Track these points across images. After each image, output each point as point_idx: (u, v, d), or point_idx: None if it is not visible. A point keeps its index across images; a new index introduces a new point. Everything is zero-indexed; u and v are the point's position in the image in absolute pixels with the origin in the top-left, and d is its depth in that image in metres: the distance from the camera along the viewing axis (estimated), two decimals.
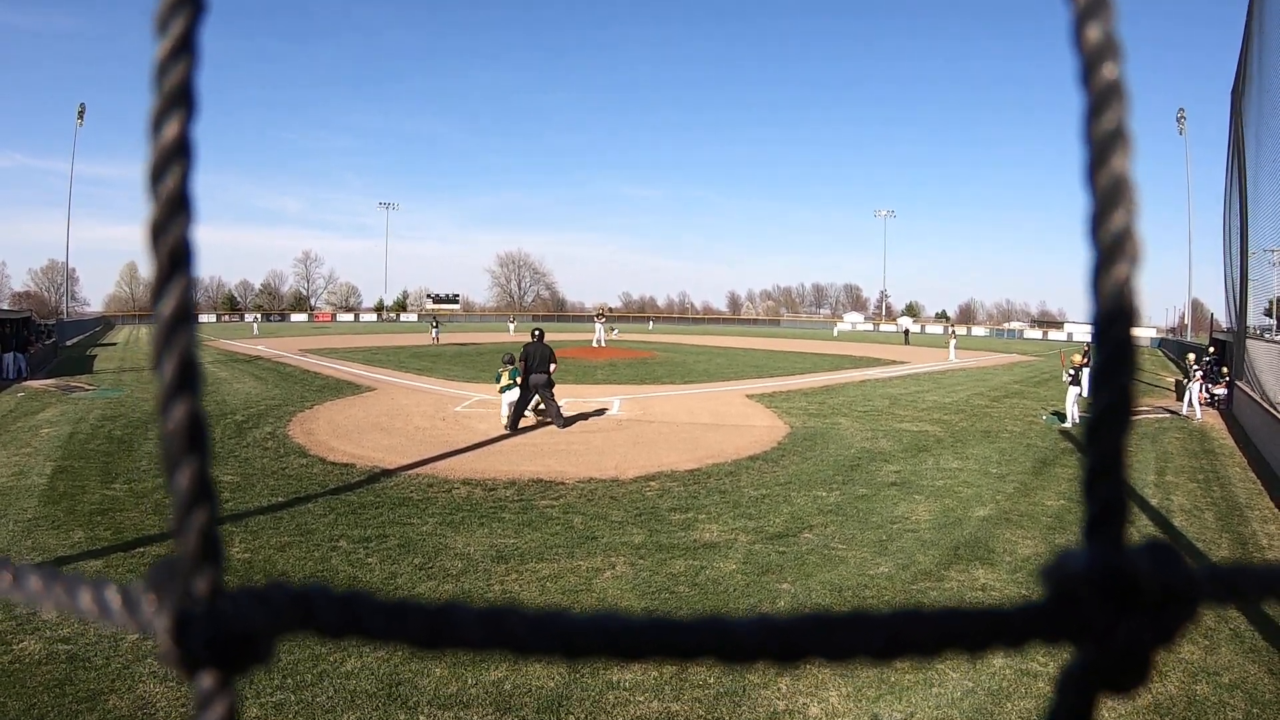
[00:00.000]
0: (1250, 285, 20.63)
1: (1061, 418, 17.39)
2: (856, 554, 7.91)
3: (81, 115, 68.58)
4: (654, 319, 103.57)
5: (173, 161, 0.37)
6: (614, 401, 18.68)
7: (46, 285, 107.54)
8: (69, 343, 44.15)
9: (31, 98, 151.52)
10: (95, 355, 33.72)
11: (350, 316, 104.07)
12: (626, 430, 14.79)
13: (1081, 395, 17.10)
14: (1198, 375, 19.39)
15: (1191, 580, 0.35)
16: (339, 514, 8.95)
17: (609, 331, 49.49)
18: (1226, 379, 20.93)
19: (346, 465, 11.43)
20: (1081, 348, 19.36)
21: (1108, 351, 0.34)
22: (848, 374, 28.59)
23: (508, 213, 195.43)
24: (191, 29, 0.37)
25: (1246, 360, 19.63)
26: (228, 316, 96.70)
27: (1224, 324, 26.45)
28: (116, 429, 14.28)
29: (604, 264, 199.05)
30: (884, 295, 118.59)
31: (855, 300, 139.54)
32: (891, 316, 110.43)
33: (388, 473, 11.00)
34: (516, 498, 9.80)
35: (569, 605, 4.10)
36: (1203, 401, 19.05)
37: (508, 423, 14.39)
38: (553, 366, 14.74)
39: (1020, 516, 9.37)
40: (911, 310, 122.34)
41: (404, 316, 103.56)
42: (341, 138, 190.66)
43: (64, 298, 79.60)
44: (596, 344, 42.19)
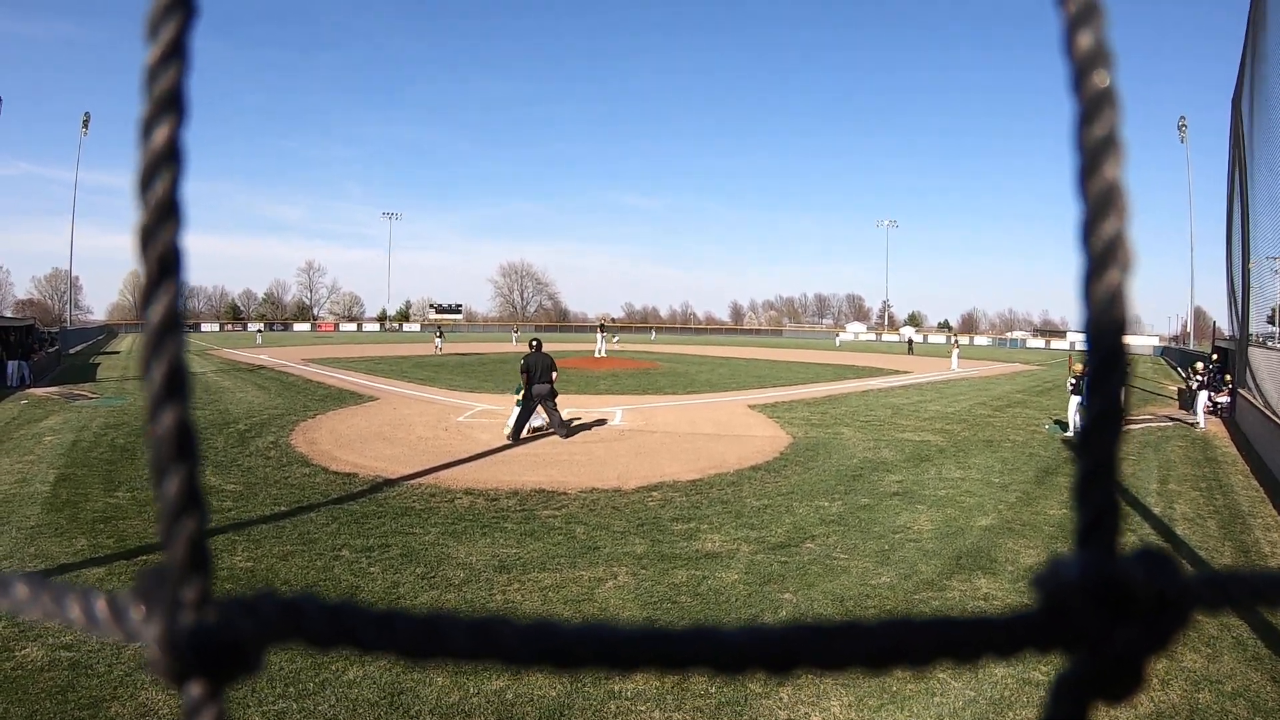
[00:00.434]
0: (1252, 293, 20.60)
1: (1064, 426, 17.36)
2: (859, 564, 7.89)
3: (86, 124, 68.88)
4: (656, 329, 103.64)
5: (162, 167, 0.37)
6: (616, 412, 18.67)
7: (50, 293, 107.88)
8: (72, 351, 44.25)
9: (36, 107, 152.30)
10: (98, 363, 33.77)
11: (353, 326, 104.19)
12: (629, 440, 14.77)
13: (1083, 404, 17.06)
14: (1205, 381, 19.40)
15: (1185, 587, 0.35)
16: (341, 523, 8.94)
17: (610, 340, 49.50)
18: (1229, 387, 20.89)
19: (349, 475, 11.42)
20: (1084, 356, 19.32)
21: (1099, 359, 0.34)
22: (850, 384, 28.57)
23: (510, 223, 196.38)
24: (182, 34, 0.37)
25: (1249, 368, 19.60)
26: (231, 326, 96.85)
27: (1227, 332, 26.38)
28: (119, 437, 14.28)
29: (606, 274, 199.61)
30: (886, 305, 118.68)
31: (858, 310, 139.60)
32: (894, 326, 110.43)
33: (390, 482, 10.99)
34: (519, 508, 9.78)
35: (571, 615, 4.09)
36: (1205, 410, 19.01)
37: (510, 433, 14.39)
38: (554, 376, 14.74)
39: (1023, 526, 9.33)
40: (914, 320, 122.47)
41: (407, 326, 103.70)
42: (345, 147, 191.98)
43: (67, 306, 79.73)
44: (598, 354, 42.21)
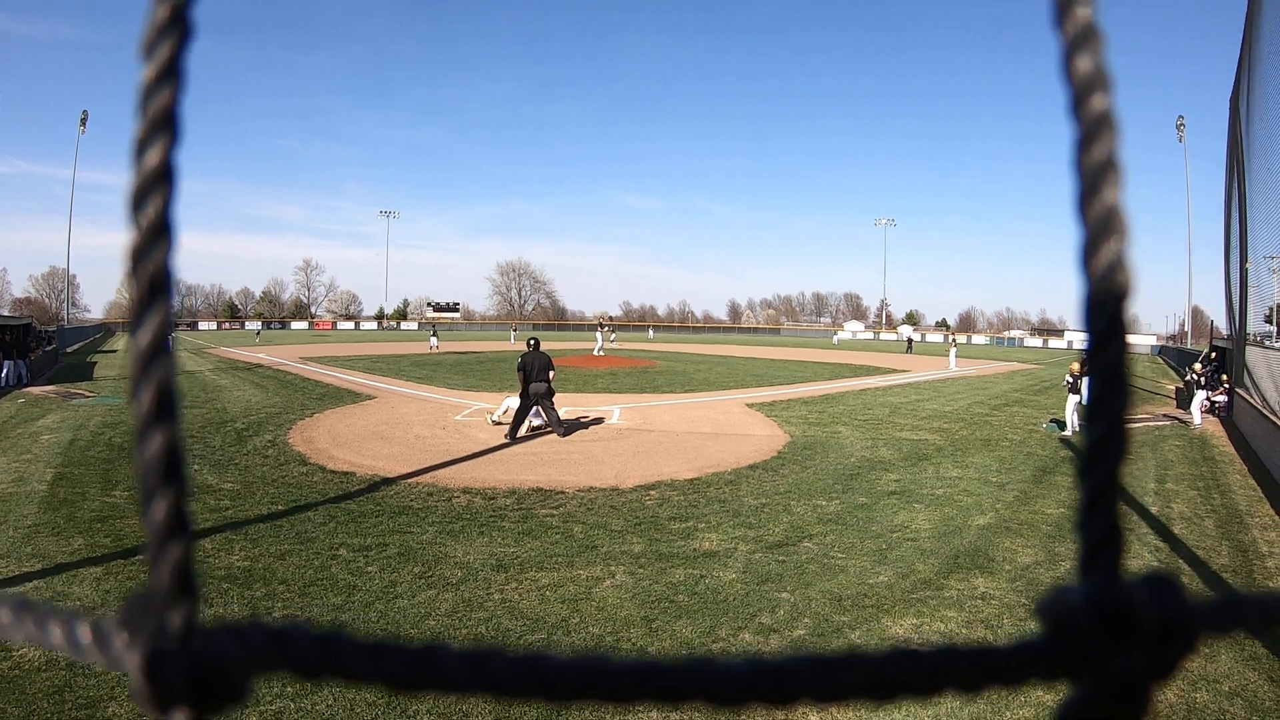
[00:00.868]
0: (1250, 292, 20.62)
1: (1061, 426, 17.38)
2: (856, 563, 7.89)
3: (84, 123, 68.82)
4: (654, 328, 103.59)
5: (155, 188, 0.36)
6: (614, 410, 18.67)
7: (47, 292, 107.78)
8: (69, 349, 44.16)
9: (34, 105, 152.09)
10: (96, 362, 33.72)
11: (351, 325, 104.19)
12: (626, 439, 14.76)
13: (1081, 403, 17.08)
14: (1201, 382, 19.45)
15: (1190, 613, 0.34)
16: (339, 522, 8.93)
17: (608, 338, 49.51)
18: (1225, 386, 20.92)
19: (346, 473, 11.41)
20: (1081, 356, 19.34)
21: (1101, 380, 0.33)
22: (847, 383, 28.59)
23: (509, 222, 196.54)
24: (177, 55, 0.37)
25: (1247, 367, 19.63)
26: (228, 324, 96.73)
27: (1224, 331, 26.42)
28: (117, 436, 14.26)
29: (605, 273, 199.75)
30: (884, 304, 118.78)
31: (856, 309, 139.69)
32: (892, 325, 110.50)
33: (388, 481, 10.98)
34: (516, 506, 9.78)
35: (569, 614, 4.09)
36: (1202, 409, 19.05)
37: (508, 432, 14.39)
38: (551, 374, 14.73)
39: (1020, 525, 9.34)
40: (912, 318, 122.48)
41: (404, 325, 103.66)
42: (343, 147, 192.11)
43: (65, 304, 79.64)
44: (597, 353, 42.23)
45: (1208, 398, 19.77)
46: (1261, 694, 5.35)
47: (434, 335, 50.07)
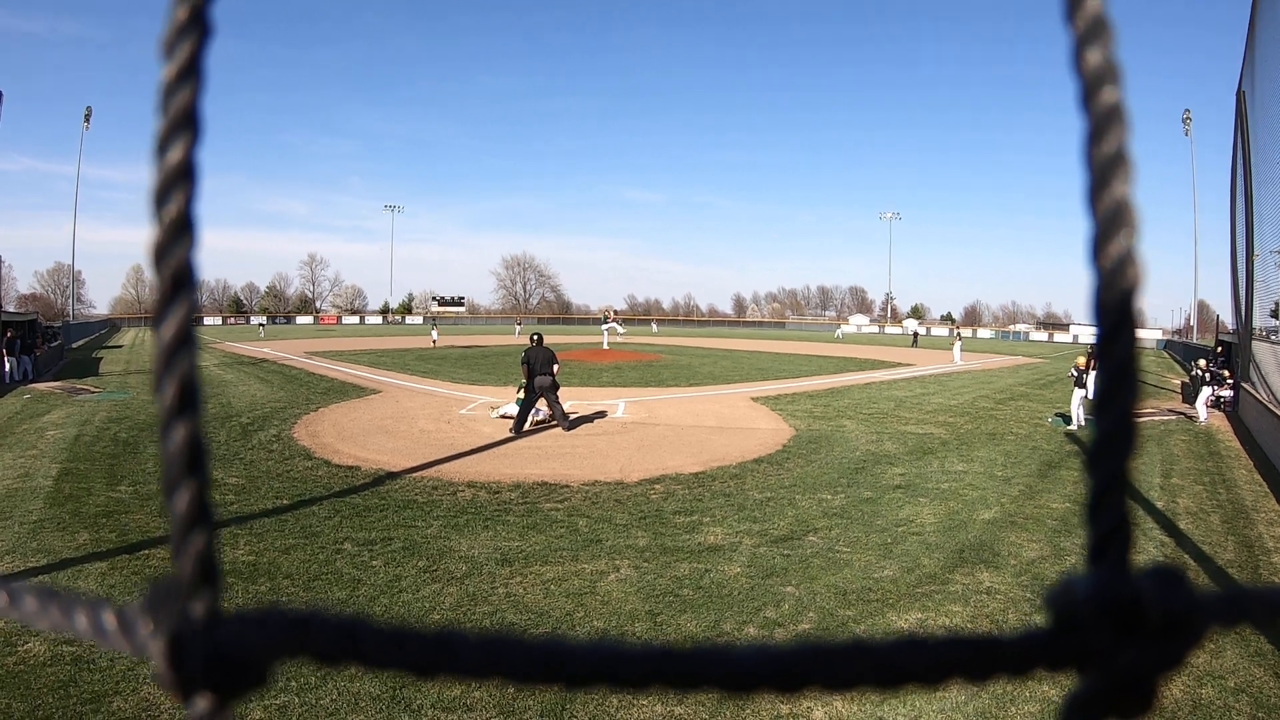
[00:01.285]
0: (1256, 286, 20.54)
1: (1067, 420, 17.34)
2: (861, 557, 7.89)
3: (88, 119, 68.88)
4: (658, 321, 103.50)
5: (177, 185, 0.37)
6: (619, 404, 18.68)
7: (53, 288, 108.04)
8: (75, 345, 44.29)
9: (39, 102, 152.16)
10: (101, 358, 33.81)
11: (355, 319, 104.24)
12: (631, 433, 14.78)
13: (1086, 397, 17.04)
14: (1207, 378, 19.39)
15: (1197, 605, 0.35)
16: (344, 516, 8.96)
17: (615, 331, 49.49)
18: (1230, 382, 20.85)
19: (351, 468, 11.44)
20: (1087, 349, 19.31)
21: (1110, 375, 0.34)
22: (852, 376, 28.56)
23: (513, 216, 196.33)
24: (198, 53, 0.37)
25: (1253, 362, 19.56)
26: (234, 319, 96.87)
27: (1230, 326, 26.33)
28: (122, 431, 14.31)
29: (609, 267, 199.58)
30: (889, 297, 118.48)
31: (861, 303, 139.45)
32: (897, 319, 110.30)
33: (392, 475, 11.01)
34: (521, 500, 9.80)
35: (574, 608, 4.10)
36: (1208, 404, 19.00)
37: (512, 426, 14.42)
38: (555, 368, 14.75)
39: (1025, 519, 9.34)
40: (917, 312, 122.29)
41: (409, 319, 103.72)
42: (347, 142, 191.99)
43: (70, 300, 79.81)
44: (606, 345, 42.27)
45: (1214, 393, 19.72)
46: (1267, 690, 5.35)
47: (434, 329, 50.15)
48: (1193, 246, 69.04)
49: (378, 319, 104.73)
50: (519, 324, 73.49)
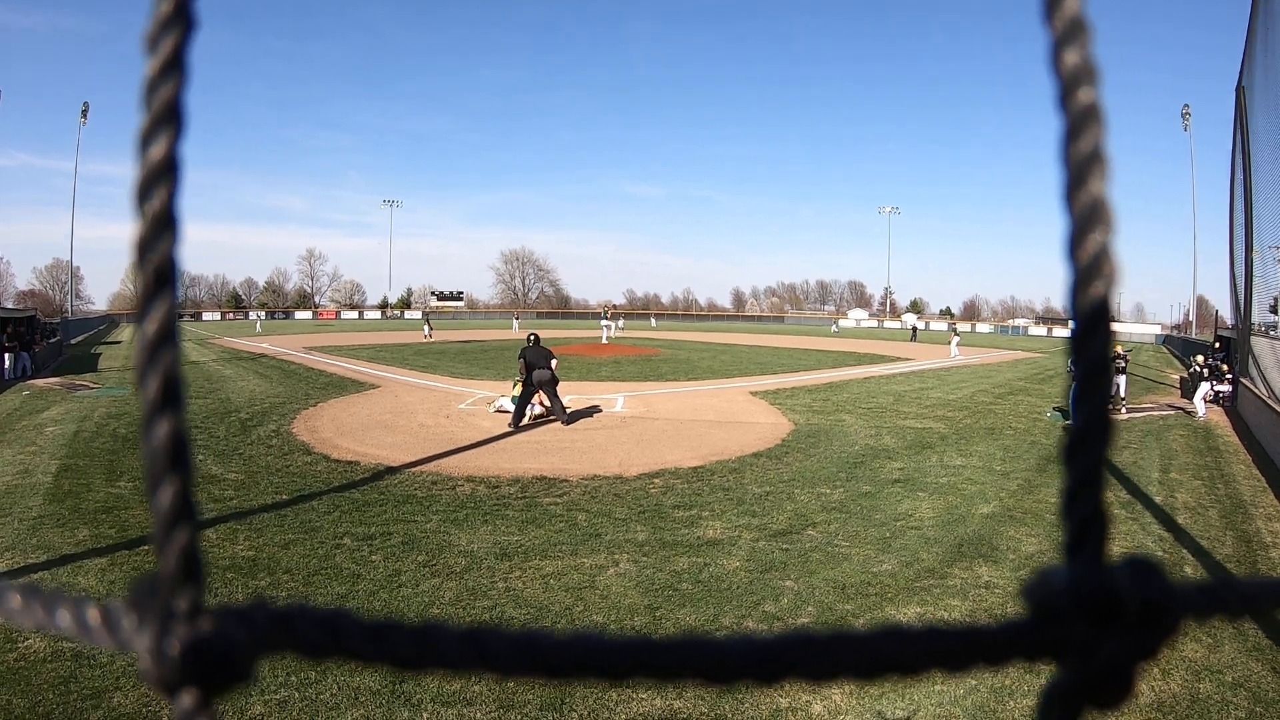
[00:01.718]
0: (1255, 282, 20.55)
1: (1065, 414, 17.35)
2: (860, 551, 7.91)
3: (85, 114, 68.72)
4: (656, 316, 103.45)
5: (160, 180, 0.37)
6: (618, 398, 18.69)
7: (51, 284, 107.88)
8: (73, 341, 44.25)
9: (35, 97, 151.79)
10: (100, 353, 33.81)
11: (354, 314, 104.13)
12: (630, 427, 14.79)
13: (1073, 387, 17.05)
14: (1205, 374, 19.41)
15: (1173, 596, 0.35)
16: (343, 511, 8.97)
17: (616, 326, 49.51)
18: (1229, 377, 20.87)
19: (350, 463, 11.45)
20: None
21: (1085, 370, 0.34)
22: (851, 371, 28.57)
23: (512, 210, 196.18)
24: (181, 48, 0.37)
25: (1252, 357, 19.57)
26: (232, 315, 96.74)
27: (1229, 321, 26.34)
28: (121, 427, 14.31)
29: (607, 261, 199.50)
30: (888, 292, 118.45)
31: (860, 297, 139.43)
32: (896, 313, 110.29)
33: (392, 470, 11.01)
34: (520, 495, 9.81)
35: (573, 603, 4.10)
36: (1206, 399, 19.01)
37: (511, 420, 14.44)
38: (554, 362, 14.82)
39: (1024, 514, 9.35)
40: (916, 307, 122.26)
41: (408, 314, 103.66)
42: (346, 136, 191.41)
43: (68, 296, 79.75)
44: (606, 340, 42.29)
45: (1212, 388, 19.73)
46: (1265, 685, 5.36)
47: (427, 324, 50.23)
48: (1192, 242, 69.13)
49: (376, 314, 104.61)
50: (516, 318, 73.50)
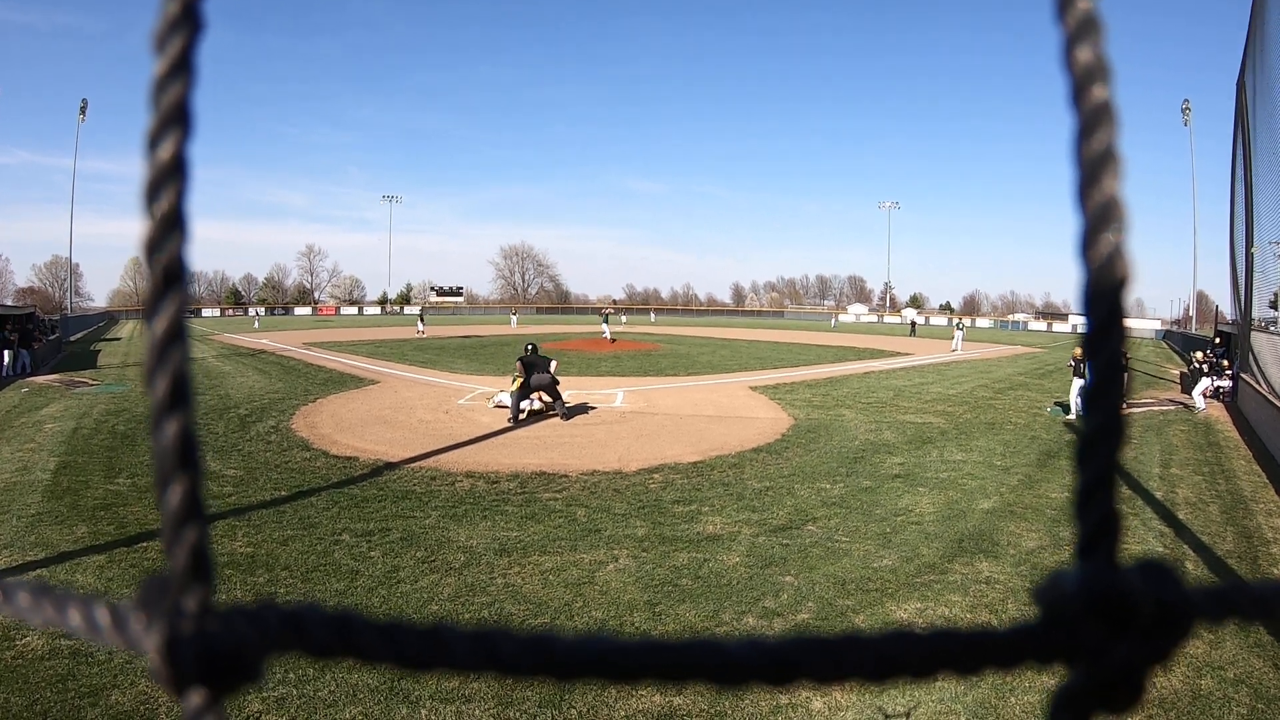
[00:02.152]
0: (1255, 277, 20.55)
1: (1066, 409, 17.36)
2: (860, 546, 7.91)
3: (84, 111, 68.65)
4: (656, 311, 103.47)
5: (168, 180, 0.37)
6: (618, 394, 18.69)
7: (50, 281, 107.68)
8: (73, 338, 44.22)
9: (34, 95, 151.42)
10: (99, 350, 33.79)
11: (354, 310, 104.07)
12: (630, 423, 14.79)
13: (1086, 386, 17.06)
14: (1205, 369, 19.43)
15: (1186, 599, 0.35)
16: (342, 507, 8.97)
17: (618, 321, 49.51)
18: (1229, 372, 20.88)
19: (349, 458, 11.45)
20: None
21: (1098, 370, 0.34)
22: (851, 366, 28.57)
23: (511, 206, 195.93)
24: (189, 48, 0.37)
25: (1251, 352, 19.58)
26: (232, 311, 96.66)
27: (1229, 316, 26.35)
28: (120, 424, 14.32)
29: (607, 257, 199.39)
30: (888, 287, 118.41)
31: (860, 292, 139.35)
32: (896, 308, 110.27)
33: (391, 466, 11.02)
34: (519, 490, 9.81)
35: (572, 598, 4.10)
36: (1206, 395, 19.02)
37: (510, 416, 14.47)
38: (553, 364, 14.96)
39: (1025, 509, 9.36)
40: (916, 301, 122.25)
41: (408, 310, 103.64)
42: (345, 132, 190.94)
43: (68, 293, 79.70)
44: (607, 337, 42.28)
45: (1212, 383, 19.75)
46: (1266, 681, 5.37)
47: (420, 320, 50.35)
48: (1192, 237, 69.23)
49: (376, 310, 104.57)
50: (514, 313, 73.51)
